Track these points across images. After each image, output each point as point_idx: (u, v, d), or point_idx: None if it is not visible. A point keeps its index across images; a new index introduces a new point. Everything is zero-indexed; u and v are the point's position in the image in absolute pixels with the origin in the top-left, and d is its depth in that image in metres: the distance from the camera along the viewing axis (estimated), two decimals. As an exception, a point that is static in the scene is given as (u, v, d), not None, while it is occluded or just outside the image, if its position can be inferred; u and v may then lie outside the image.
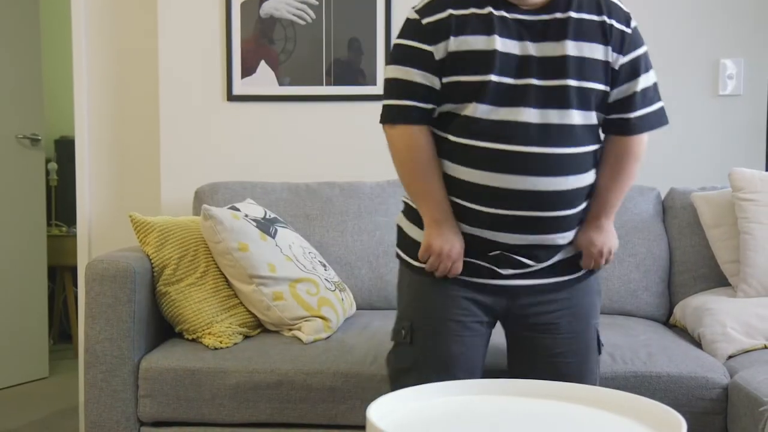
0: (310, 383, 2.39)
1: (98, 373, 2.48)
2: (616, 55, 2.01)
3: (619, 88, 2.04)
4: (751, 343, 2.44)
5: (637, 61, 2.05)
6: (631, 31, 2.04)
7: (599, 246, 2.12)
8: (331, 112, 3.31)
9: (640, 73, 2.05)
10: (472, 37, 1.96)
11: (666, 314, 2.90)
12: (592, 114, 2.03)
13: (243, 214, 2.70)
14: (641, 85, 2.05)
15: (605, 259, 2.15)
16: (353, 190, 3.07)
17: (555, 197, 2.02)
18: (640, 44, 2.06)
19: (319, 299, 2.61)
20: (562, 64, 1.97)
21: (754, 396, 2.11)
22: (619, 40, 2.01)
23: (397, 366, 2.18)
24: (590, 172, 2.07)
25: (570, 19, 1.97)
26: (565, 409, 1.77)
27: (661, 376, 2.32)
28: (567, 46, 1.96)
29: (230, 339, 2.53)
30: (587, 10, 2.00)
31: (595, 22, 2.00)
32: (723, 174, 2.88)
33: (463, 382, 1.87)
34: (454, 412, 1.75)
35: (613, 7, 2.04)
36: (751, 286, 2.62)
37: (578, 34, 1.98)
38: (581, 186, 2.06)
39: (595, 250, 2.13)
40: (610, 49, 2.00)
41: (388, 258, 2.97)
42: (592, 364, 2.16)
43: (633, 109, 2.05)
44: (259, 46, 3.29)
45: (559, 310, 2.13)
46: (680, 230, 2.93)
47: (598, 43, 1.99)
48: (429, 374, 2.06)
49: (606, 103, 2.05)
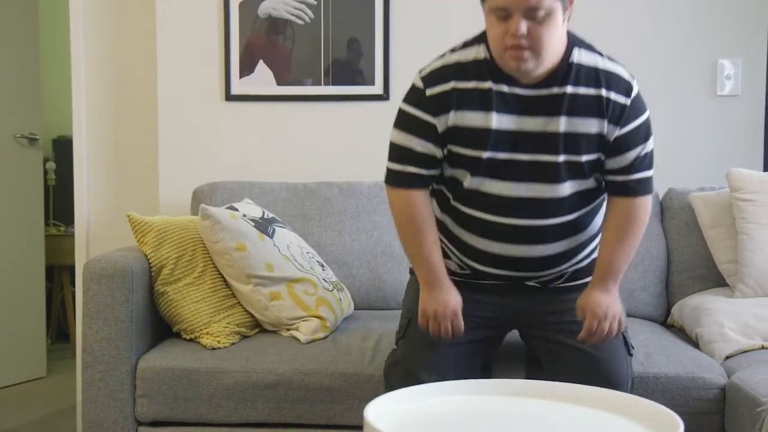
0: (308, 383, 2.39)
1: (96, 372, 2.47)
2: (613, 127, 2.03)
3: (615, 158, 2.06)
4: (748, 344, 2.44)
5: (636, 130, 2.05)
6: (631, 101, 2.04)
7: (605, 308, 2.07)
8: (330, 112, 3.30)
9: (639, 143, 2.06)
10: (471, 113, 2.03)
11: (664, 314, 2.90)
12: (586, 180, 2.08)
13: (241, 214, 2.70)
14: (640, 152, 2.06)
15: (610, 323, 2.07)
16: (351, 189, 3.07)
17: (550, 259, 2.13)
18: (640, 113, 2.06)
19: (316, 299, 2.61)
20: (555, 140, 2.02)
21: (751, 396, 2.11)
22: (618, 113, 2.02)
23: (389, 361, 2.23)
24: (589, 227, 2.15)
25: (566, 94, 2.01)
26: (563, 409, 1.77)
27: (659, 377, 2.32)
28: (560, 122, 2.01)
29: (228, 339, 2.53)
30: (585, 84, 2.02)
31: (592, 97, 2.02)
32: (721, 174, 2.88)
33: (461, 383, 1.87)
34: (451, 412, 1.75)
35: (613, 78, 2.04)
36: (748, 286, 2.62)
37: (572, 110, 2.01)
38: (579, 243, 2.15)
39: (600, 312, 2.07)
40: (606, 121, 2.02)
41: (386, 258, 2.97)
42: (621, 363, 2.12)
43: (632, 172, 2.07)
44: (257, 45, 3.28)
45: (572, 309, 2.13)
46: (678, 230, 2.93)
47: (594, 117, 2.02)
48: (416, 367, 2.10)
49: (603, 167, 2.08)
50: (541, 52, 1.94)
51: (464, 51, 2.08)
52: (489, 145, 2.02)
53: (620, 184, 2.09)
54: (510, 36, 1.92)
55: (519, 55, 1.93)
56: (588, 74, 2.02)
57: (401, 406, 1.75)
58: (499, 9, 1.92)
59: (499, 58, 1.99)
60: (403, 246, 2.19)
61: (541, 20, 1.91)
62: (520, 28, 1.90)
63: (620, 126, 2.03)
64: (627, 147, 2.05)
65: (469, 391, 1.84)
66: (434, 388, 1.84)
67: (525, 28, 1.90)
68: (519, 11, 1.90)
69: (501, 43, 1.95)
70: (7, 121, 4.14)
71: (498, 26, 1.94)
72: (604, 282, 2.10)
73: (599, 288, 2.10)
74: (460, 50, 2.09)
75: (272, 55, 3.29)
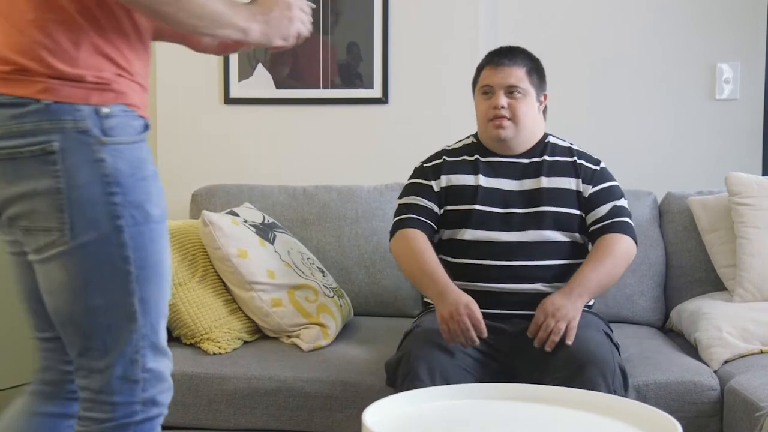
0: (308, 391, 2.38)
1: (95, 377, 2.47)
2: (586, 186, 2.40)
3: (593, 212, 2.39)
4: (747, 348, 2.44)
5: (608, 189, 2.42)
6: (600, 169, 2.44)
7: (557, 306, 2.20)
8: (329, 116, 3.30)
9: (613, 198, 2.41)
10: (461, 175, 2.43)
11: (662, 319, 2.90)
12: (571, 234, 2.38)
13: (242, 220, 2.70)
14: (615, 205, 2.40)
15: (557, 321, 2.16)
16: (350, 194, 3.07)
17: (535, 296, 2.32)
18: (609, 179, 2.45)
19: (317, 306, 2.61)
20: (539, 194, 2.38)
21: (750, 401, 2.12)
22: (589, 175, 2.42)
23: (391, 361, 2.26)
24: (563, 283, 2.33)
25: (544, 161, 2.42)
26: (559, 413, 1.77)
27: (658, 383, 2.31)
28: (542, 180, 2.39)
29: (229, 344, 2.52)
30: (560, 155, 2.45)
31: (567, 162, 2.43)
32: (720, 178, 2.89)
33: (459, 387, 1.87)
34: (449, 416, 1.75)
35: (583, 155, 2.47)
36: (747, 290, 2.62)
37: (551, 172, 2.41)
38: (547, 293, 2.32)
39: (551, 308, 2.20)
40: (580, 181, 2.41)
41: (385, 263, 2.96)
42: (603, 347, 2.17)
43: (608, 218, 2.38)
44: (255, 49, 3.28)
45: None
46: (676, 234, 2.93)
47: (570, 177, 2.41)
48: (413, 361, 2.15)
49: (585, 226, 2.40)
50: (518, 122, 2.38)
51: (455, 144, 2.54)
52: (478, 200, 2.38)
53: (599, 229, 2.38)
54: (492, 109, 2.38)
55: (500, 124, 2.37)
56: (562, 150, 2.46)
57: (399, 411, 1.75)
58: (485, 86, 2.41)
59: (484, 130, 2.42)
60: (410, 278, 2.40)
61: (518, 98, 2.37)
62: (500, 101, 2.36)
63: (593, 185, 2.41)
64: (601, 201, 2.40)
65: (468, 396, 1.84)
66: (433, 392, 1.84)
67: (505, 102, 2.37)
68: (501, 88, 2.38)
69: (486, 116, 2.40)
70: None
71: (483, 102, 2.41)
72: (569, 289, 2.25)
73: (561, 293, 2.25)
74: (451, 145, 2.54)
75: (271, 59, 3.29)
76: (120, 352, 1.47)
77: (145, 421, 1.50)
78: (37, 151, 1.40)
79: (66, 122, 1.40)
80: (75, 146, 1.40)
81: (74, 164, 1.40)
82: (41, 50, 1.41)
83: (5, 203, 1.46)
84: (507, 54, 2.43)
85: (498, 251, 2.34)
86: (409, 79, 3.25)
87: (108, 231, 1.43)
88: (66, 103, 1.40)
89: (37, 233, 1.44)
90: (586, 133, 3.20)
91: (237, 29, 1.51)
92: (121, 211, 1.43)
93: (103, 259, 1.44)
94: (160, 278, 1.50)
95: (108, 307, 1.45)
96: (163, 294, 1.52)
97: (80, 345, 1.48)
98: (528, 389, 1.87)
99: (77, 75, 1.41)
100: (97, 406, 1.49)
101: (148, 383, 1.50)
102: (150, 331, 1.49)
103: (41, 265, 1.47)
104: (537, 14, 3.28)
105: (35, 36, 1.41)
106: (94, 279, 1.44)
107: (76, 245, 1.42)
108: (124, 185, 1.43)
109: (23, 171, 1.41)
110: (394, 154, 3.21)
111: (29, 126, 1.40)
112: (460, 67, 3.16)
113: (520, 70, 2.38)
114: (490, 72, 2.41)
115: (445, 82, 3.21)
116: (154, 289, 1.48)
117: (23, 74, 1.41)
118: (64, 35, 1.41)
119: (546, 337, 2.17)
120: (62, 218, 1.41)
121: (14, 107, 1.40)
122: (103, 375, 1.47)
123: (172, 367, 1.58)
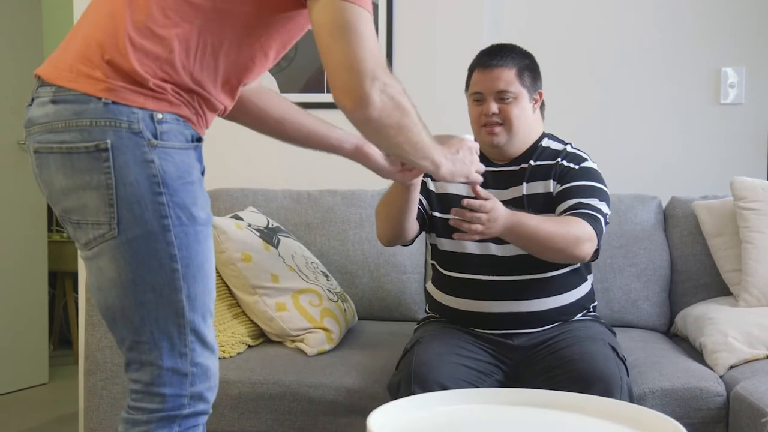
0: (312, 396, 2.38)
1: (98, 380, 2.47)
2: (555, 184, 2.33)
3: (560, 205, 2.29)
4: (752, 353, 2.43)
5: (580, 187, 2.29)
6: (580, 167, 2.33)
7: (498, 211, 2.08)
8: (332, 120, 3.28)
9: (580, 195, 2.27)
10: (456, 184, 2.35)
11: (667, 324, 2.90)
12: None
13: (246, 224, 2.70)
14: (580, 201, 2.26)
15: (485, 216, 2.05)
16: (354, 198, 3.07)
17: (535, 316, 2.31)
18: (586, 178, 2.31)
19: (321, 310, 2.61)
20: (521, 203, 2.32)
21: (756, 406, 2.11)
22: (564, 173, 2.33)
23: (392, 384, 2.24)
24: (560, 296, 2.32)
25: (529, 167, 2.36)
26: (564, 418, 1.77)
27: (665, 389, 2.30)
28: (523, 188, 2.35)
29: (233, 348, 2.52)
30: (546, 158, 2.37)
31: (549, 166, 2.36)
32: (724, 183, 2.88)
33: (464, 392, 1.87)
34: (454, 421, 1.75)
35: (572, 154, 2.38)
36: (752, 295, 2.62)
37: (532, 177, 2.35)
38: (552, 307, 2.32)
39: (489, 205, 2.07)
40: (553, 182, 2.34)
41: (389, 267, 2.96)
42: (611, 361, 2.14)
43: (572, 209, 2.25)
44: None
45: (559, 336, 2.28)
46: (681, 239, 2.93)
47: (548, 179, 2.34)
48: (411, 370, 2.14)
49: None
50: (511, 128, 2.33)
51: None
52: None
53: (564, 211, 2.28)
54: (484, 115, 2.34)
55: (491, 130, 2.34)
56: (551, 153, 2.38)
57: (404, 415, 1.75)
58: (475, 93, 2.37)
59: (477, 135, 2.36)
60: (393, 206, 2.32)
61: (509, 102, 2.32)
62: (491, 108, 2.32)
63: (562, 183, 2.32)
64: (566, 197, 2.29)
65: (473, 401, 1.84)
66: (437, 397, 1.84)
67: (496, 108, 2.32)
68: (491, 94, 2.33)
69: (478, 122, 2.37)
70: (11, 128, 4.15)
71: (475, 108, 2.38)
72: (512, 212, 2.13)
73: (505, 209, 2.13)
74: None
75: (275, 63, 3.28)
76: (170, 345, 1.52)
77: (191, 416, 1.55)
78: (91, 147, 1.47)
79: (121, 122, 1.47)
80: (127, 145, 1.47)
81: (125, 162, 1.47)
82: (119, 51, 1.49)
83: (61, 196, 1.52)
84: (496, 54, 2.35)
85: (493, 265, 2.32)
86: (414, 85, 3.24)
87: (155, 229, 1.48)
88: (124, 105, 1.47)
89: (87, 227, 1.50)
90: (591, 137, 3.19)
91: (433, 162, 1.75)
92: (167, 210, 1.49)
93: (151, 255, 1.49)
94: (206, 277, 1.55)
95: (157, 302, 1.50)
96: (209, 292, 1.57)
97: (131, 339, 1.53)
98: (534, 394, 1.86)
99: (141, 79, 1.49)
100: (146, 397, 1.53)
101: (197, 378, 1.55)
102: (198, 326, 1.54)
103: (92, 261, 1.53)
104: (542, 19, 3.28)
105: None
106: (142, 274, 1.49)
107: (124, 240, 1.48)
108: (171, 186, 1.49)
109: (79, 165, 1.48)
110: (398, 158, 3.20)
111: (87, 122, 1.47)
112: (463, 73, 3.15)
113: (509, 72, 2.32)
114: (480, 76, 2.36)
115: (449, 88, 3.21)
116: (200, 287, 1.53)
117: None
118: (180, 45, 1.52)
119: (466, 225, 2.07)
120: (111, 213, 1.48)
121: (78, 104, 1.48)
122: (153, 367, 1.52)
123: (218, 365, 1.62)
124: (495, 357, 2.28)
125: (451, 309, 2.39)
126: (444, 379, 2.10)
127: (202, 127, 1.60)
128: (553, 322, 2.31)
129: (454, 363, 2.17)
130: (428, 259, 2.69)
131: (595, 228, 2.20)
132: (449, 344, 2.25)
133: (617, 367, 2.12)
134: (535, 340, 2.30)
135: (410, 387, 2.09)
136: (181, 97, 1.53)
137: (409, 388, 2.09)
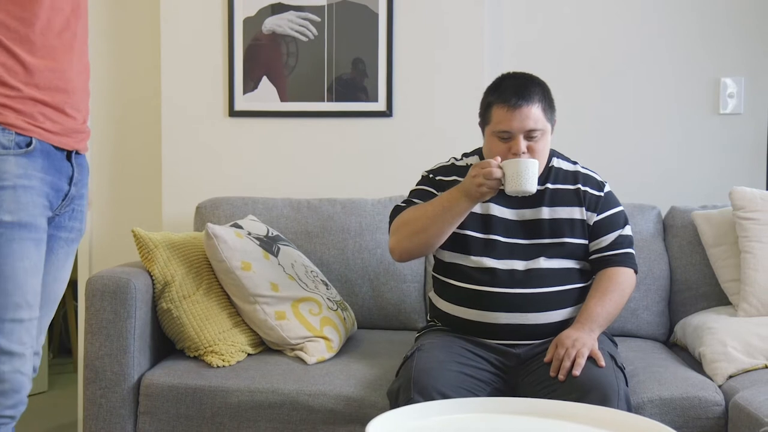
0: (312, 404, 2.38)
1: (98, 389, 2.47)
2: (591, 214, 2.39)
3: (597, 240, 2.40)
4: (751, 363, 2.43)
5: (613, 217, 2.42)
6: (604, 194, 2.43)
7: (573, 339, 2.21)
8: (333, 129, 3.31)
9: (618, 227, 2.42)
10: None
11: (666, 333, 2.90)
12: (572, 262, 2.38)
13: (246, 232, 2.70)
14: (620, 234, 2.41)
15: (571, 349, 2.17)
16: (354, 207, 3.07)
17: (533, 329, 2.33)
18: (614, 205, 2.44)
19: (321, 319, 2.61)
20: (540, 225, 2.36)
21: (755, 416, 2.11)
22: (594, 202, 2.41)
23: (392, 390, 2.24)
24: (569, 308, 2.35)
25: (547, 189, 2.38)
26: (563, 427, 1.77)
27: (663, 399, 2.30)
28: (543, 211, 2.37)
29: (233, 357, 2.52)
30: (563, 182, 2.41)
31: (571, 190, 2.40)
32: (724, 193, 2.89)
33: (463, 401, 1.87)
34: (452, 430, 1.74)
35: (588, 178, 2.44)
36: (751, 305, 2.62)
37: (553, 201, 2.38)
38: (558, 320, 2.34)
39: (568, 341, 2.20)
40: (584, 209, 2.39)
41: (389, 276, 2.96)
42: (608, 370, 2.16)
43: (612, 249, 2.40)
44: (261, 62, 3.30)
45: None
46: (681, 249, 2.93)
47: (574, 206, 2.39)
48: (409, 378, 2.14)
49: (588, 252, 2.41)
50: (537, 160, 2.29)
51: (462, 160, 2.49)
52: (490, 228, 2.36)
53: (602, 260, 2.39)
54: (512, 154, 2.27)
55: None
56: (566, 175, 2.42)
57: (403, 425, 1.75)
58: (502, 132, 2.29)
59: None
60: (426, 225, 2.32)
61: (537, 138, 2.29)
62: (521, 147, 2.27)
63: (597, 213, 2.40)
64: (606, 230, 2.40)
65: (472, 410, 1.84)
66: (436, 407, 1.84)
67: (525, 147, 2.28)
68: (520, 133, 2.28)
69: (504, 158, 2.27)
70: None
71: (500, 145, 2.31)
72: (580, 324, 2.27)
73: (573, 327, 2.27)
74: (459, 160, 2.50)
75: (276, 72, 3.30)
76: None
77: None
78: None
79: None
80: None
81: None
82: None
83: None
84: (522, 93, 2.28)
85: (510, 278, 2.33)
86: (414, 93, 3.26)
87: None
88: None
89: None
90: (591, 147, 3.20)
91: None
92: None
93: None
94: (5, 280, 1.58)
95: None
96: (9, 295, 1.60)
97: None
98: (533, 404, 1.86)
99: None
100: None
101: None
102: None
103: None
104: (541, 29, 3.29)
105: None
106: None
107: None
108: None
109: None
110: (397, 167, 3.21)
111: None
112: (463, 81, 3.17)
113: (537, 110, 2.28)
114: (507, 115, 2.28)
115: (449, 95, 3.22)
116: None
117: None
118: None
119: (569, 365, 2.15)
120: None
121: None
122: None
123: (30, 375, 1.69)
124: (495, 366, 2.29)
125: (456, 318, 2.39)
126: (443, 386, 2.11)
127: (39, 127, 1.63)
128: (557, 332, 2.32)
129: (453, 371, 2.17)
130: (428, 269, 2.69)
131: (634, 265, 2.42)
132: (449, 352, 2.25)
133: (615, 376, 2.14)
134: (537, 350, 2.31)
135: (410, 393, 2.10)
136: None
137: (409, 394, 2.10)
